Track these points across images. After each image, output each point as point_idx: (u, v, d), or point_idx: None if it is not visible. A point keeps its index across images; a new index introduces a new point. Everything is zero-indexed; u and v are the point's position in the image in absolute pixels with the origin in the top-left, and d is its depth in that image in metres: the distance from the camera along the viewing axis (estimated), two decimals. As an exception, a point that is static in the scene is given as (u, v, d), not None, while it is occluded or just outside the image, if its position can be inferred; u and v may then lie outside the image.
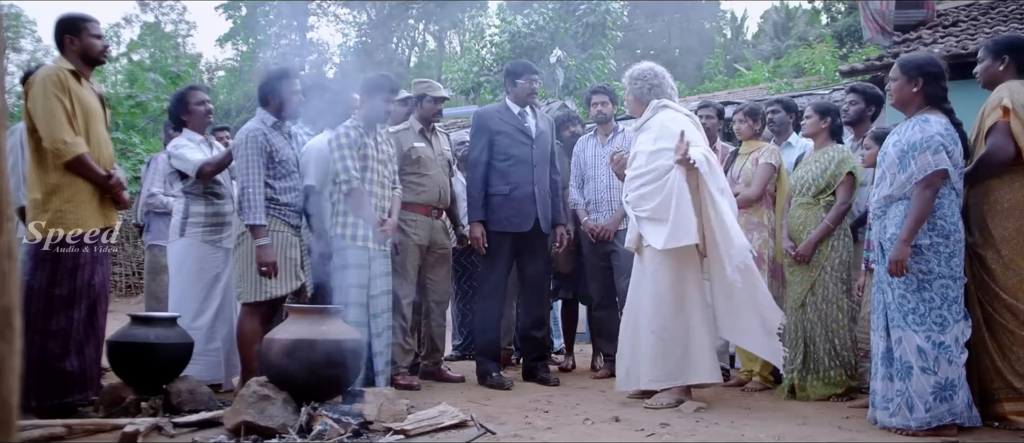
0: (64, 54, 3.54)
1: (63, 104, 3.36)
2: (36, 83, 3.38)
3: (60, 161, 3.36)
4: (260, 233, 3.76)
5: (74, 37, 3.52)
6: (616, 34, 14.62)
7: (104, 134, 3.61)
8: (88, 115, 3.48)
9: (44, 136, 3.35)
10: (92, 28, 3.57)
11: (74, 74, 3.47)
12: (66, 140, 3.34)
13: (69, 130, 3.36)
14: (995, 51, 3.47)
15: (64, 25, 3.54)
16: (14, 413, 1.08)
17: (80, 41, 3.53)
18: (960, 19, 9.07)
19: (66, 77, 3.41)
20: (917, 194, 3.20)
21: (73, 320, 3.43)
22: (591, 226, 4.89)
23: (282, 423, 2.98)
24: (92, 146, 3.47)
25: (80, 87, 3.47)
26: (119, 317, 4.52)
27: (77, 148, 3.36)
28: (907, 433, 3.17)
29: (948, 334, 3.17)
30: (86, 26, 3.55)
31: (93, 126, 3.50)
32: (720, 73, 21.19)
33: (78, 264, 3.44)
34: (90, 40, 3.55)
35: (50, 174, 3.39)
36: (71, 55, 3.53)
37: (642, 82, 4.08)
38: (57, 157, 3.35)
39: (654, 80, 4.08)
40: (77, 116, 3.41)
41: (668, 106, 4.04)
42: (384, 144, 4.25)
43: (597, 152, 5.02)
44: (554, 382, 4.58)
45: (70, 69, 3.46)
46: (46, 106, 3.33)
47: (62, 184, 3.40)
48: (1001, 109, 3.27)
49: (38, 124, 3.36)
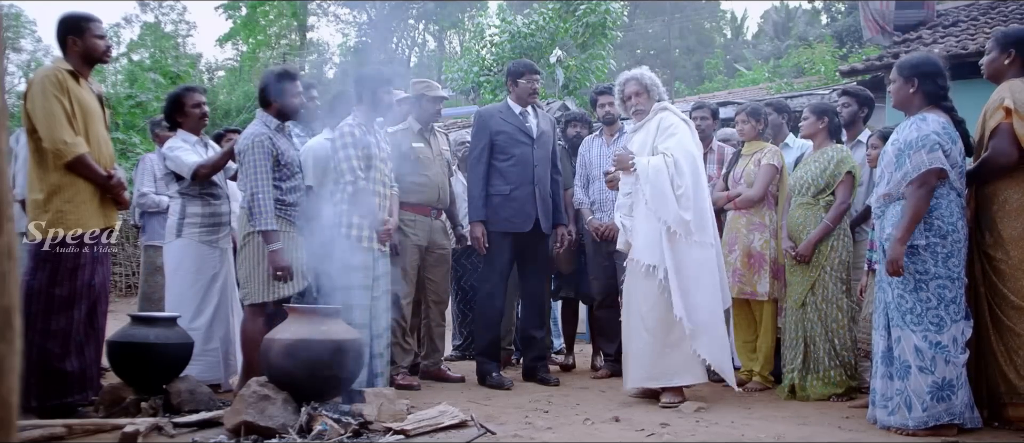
0: (66, 54, 3.53)
1: (62, 104, 3.35)
2: (35, 84, 3.37)
3: (61, 162, 3.36)
4: (273, 238, 3.75)
5: (77, 37, 3.51)
6: (616, 34, 14.60)
7: (104, 134, 3.61)
8: (87, 115, 3.47)
9: (44, 137, 3.34)
10: (95, 28, 3.56)
11: (73, 74, 3.46)
12: (67, 140, 3.34)
13: (69, 130, 3.36)
14: (1003, 44, 3.43)
15: (67, 25, 3.52)
16: (14, 413, 1.08)
17: (83, 41, 3.52)
18: (960, 19, 9.07)
19: (65, 77, 3.40)
20: (911, 193, 3.19)
21: (73, 320, 3.43)
22: (596, 225, 4.90)
23: (282, 423, 2.98)
24: (92, 146, 3.46)
25: (79, 87, 3.47)
26: (119, 317, 4.52)
27: (77, 148, 3.36)
28: (905, 432, 3.17)
29: (945, 334, 3.16)
30: (90, 26, 3.54)
31: (93, 126, 3.50)
32: (720, 73, 21.21)
33: (78, 264, 3.44)
34: (93, 41, 3.54)
35: (51, 174, 3.39)
36: (73, 55, 3.52)
37: (650, 85, 4.15)
38: (58, 158, 3.35)
39: (652, 83, 4.17)
40: (77, 116, 3.41)
41: (667, 108, 4.15)
42: (383, 142, 4.25)
43: (602, 152, 5.02)
44: (554, 382, 4.58)
45: (68, 69, 3.46)
46: (46, 107, 3.33)
47: (63, 184, 3.40)
48: (1003, 110, 3.25)
49: (38, 125, 3.36)
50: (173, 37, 25.12)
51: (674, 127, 4.01)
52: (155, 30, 24.22)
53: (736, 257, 4.37)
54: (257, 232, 3.78)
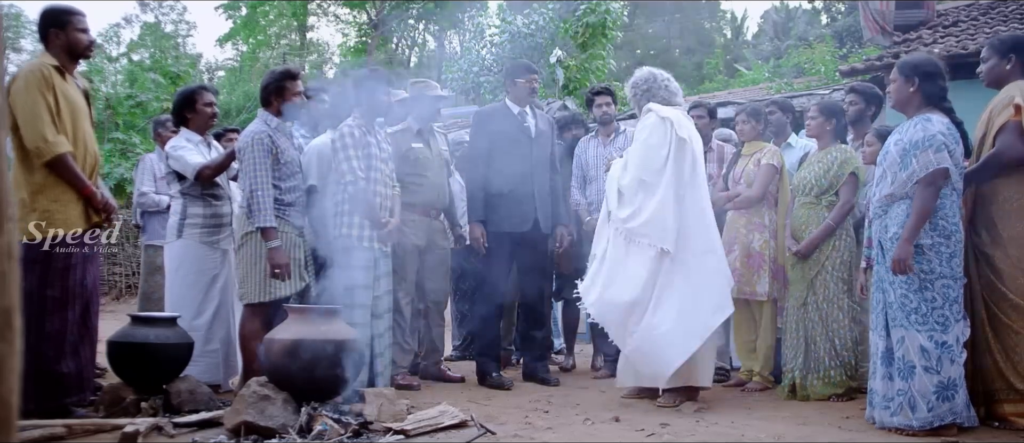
0: (48, 48, 3.43)
1: (47, 101, 3.26)
2: (19, 79, 3.28)
3: (40, 160, 3.27)
4: (271, 235, 3.75)
5: (60, 30, 3.42)
6: (616, 34, 14.58)
7: (89, 130, 3.54)
8: (74, 112, 3.40)
9: (25, 134, 3.26)
10: (78, 22, 3.46)
11: (58, 70, 3.38)
12: (48, 138, 3.25)
13: (51, 128, 3.27)
14: (1001, 50, 3.45)
15: (49, 18, 3.42)
16: (14, 413, 1.08)
17: (66, 35, 3.43)
18: (960, 19, 9.07)
19: (50, 73, 3.32)
20: (919, 192, 3.20)
21: (67, 322, 3.39)
22: (594, 225, 4.89)
23: (282, 423, 2.98)
24: (78, 144, 3.40)
25: (65, 83, 3.39)
26: (119, 317, 4.52)
27: (57, 147, 3.27)
28: (908, 433, 3.17)
29: (950, 334, 3.17)
30: (72, 20, 3.44)
31: (79, 123, 3.43)
32: (720, 73, 21.20)
33: (69, 265, 3.39)
34: (76, 34, 3.45)
35: (35, 173, 3.31)
36: (56, 49, 3.42)
37: (634, 89, 4.13)
38: (37, 156, 3.26)
39: (643, 85, 4.10)
40: (62, 113, 3.32)
41: (651, 110, 4.04)
42: (384, 142, 4.25)
43: (599, 153, 5.02)
44: (554, 382, 4.58)
45: (54, 65, 3.37)
46: (28, 103, 3.24)
47: (48, 183, 3.32)
48: (1014, 107, 3.26)
49: (20, 121, 3.27)
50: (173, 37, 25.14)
51: (643, 128, 3.99)
52: (155, 30, 24.25)
53: (735, 257, 4.37)
54: (255, 231, 3.78)
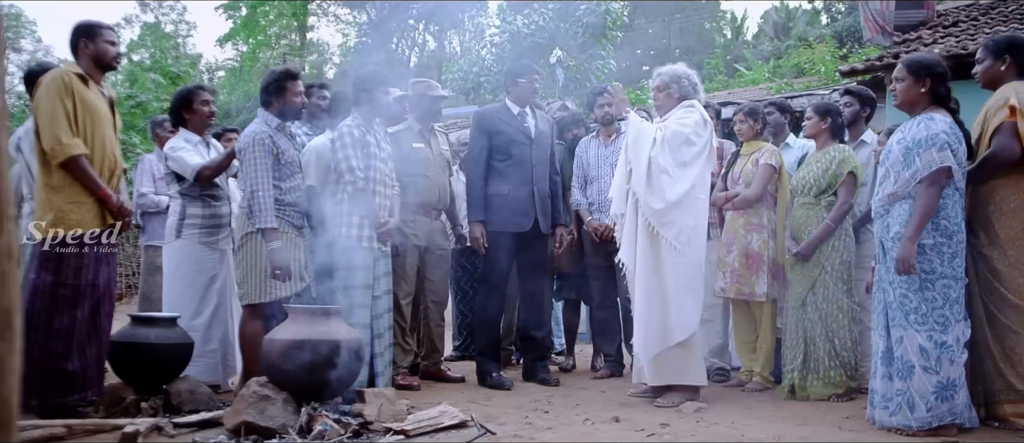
0: (77, 58, 3.61)
1: (65, 106, 3.40)
2: (42, 84, 3.44)
3: (54, 161, 3.39)
4: (272, 236, 3.76)
5: (89, 41, 3.59)
6: (616, 34, 14.60)
7: (111, 136, 3.63)
8: (94, 118, 3.51)
9: (42, 136, 3.39)
10: (107, 34, 3.65)
11: (82, 78, 3.51)
12: (62, 140, 3.37)
13: (67, 131, 3.39)
14: (996, 51, 3.45)
15: (80, 29, 3.62)
16: (14, 413, 1.08)
17: (95, 45, 3.60)
18: (960, 19, 9.07)
19: (71, 80, 3.46)
20: (922, 191, 3.19)
21: (76, 320, 3.43)
22: (595, 226, 4.90)
23: (282, 423, 2.98)
24: (96, 148, 3.49)
25: (87, 90, 3.51)
26: (119, 317, 4.52)
27: (71, 149, 3.38)
28: (908, 433, 3.17)
29: (950, 334, 3.17)
30: (102, 32, 3.63)
31: (99, 128, 3.53)
32: (720, 73, 21.18)
33: (82, 264, 3.45)
34: (104, 46, 3.62)
35: (53, 174, 3.42)
36: (84, 58, 3.60)
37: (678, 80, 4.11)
38: (52, 157, 3.38)
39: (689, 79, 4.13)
40: (79, 119, 3.44)
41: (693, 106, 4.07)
42: (384, 142, 4.25)
43: (600, 153, 5.02)
44: (554, 382, 4.58)
45: (77, 72, 3.51)
46: (47, 106, 3.38)
47: (64, 185, 3.42)
48: (1008, 108, 3.25)
49: (39, 124, 3.41)
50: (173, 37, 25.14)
51: (683, 120, 3.94)
52: (155, 30, 24.25)
53: (734, 257, 4.37)
54: (255, 232, 3.78)
